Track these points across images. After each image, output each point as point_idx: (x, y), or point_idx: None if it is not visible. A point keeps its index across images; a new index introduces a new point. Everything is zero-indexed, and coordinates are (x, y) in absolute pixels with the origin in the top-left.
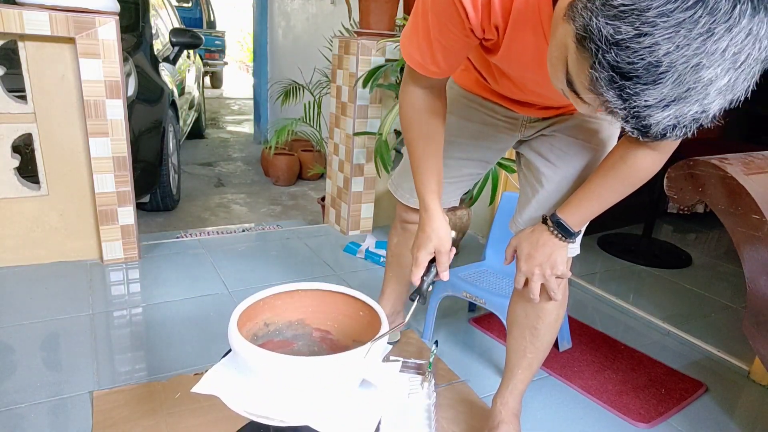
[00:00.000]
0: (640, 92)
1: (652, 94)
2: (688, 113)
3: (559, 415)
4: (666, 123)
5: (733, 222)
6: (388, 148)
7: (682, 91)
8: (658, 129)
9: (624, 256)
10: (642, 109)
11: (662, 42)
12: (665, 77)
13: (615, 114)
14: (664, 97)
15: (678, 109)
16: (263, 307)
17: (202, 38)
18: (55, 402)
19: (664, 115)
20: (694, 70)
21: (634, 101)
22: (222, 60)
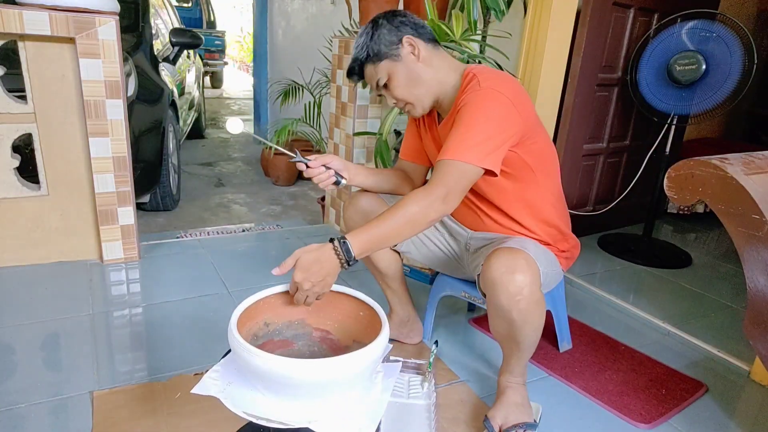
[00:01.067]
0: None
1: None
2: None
3: (559, 416)
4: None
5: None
6: (388, 148)
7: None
8: (354, 57)
9: (624, 256)
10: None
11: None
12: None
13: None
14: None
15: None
16: (263, 306)
17: (202, 38)
18: (55, 402)
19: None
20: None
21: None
22: (222, 60)
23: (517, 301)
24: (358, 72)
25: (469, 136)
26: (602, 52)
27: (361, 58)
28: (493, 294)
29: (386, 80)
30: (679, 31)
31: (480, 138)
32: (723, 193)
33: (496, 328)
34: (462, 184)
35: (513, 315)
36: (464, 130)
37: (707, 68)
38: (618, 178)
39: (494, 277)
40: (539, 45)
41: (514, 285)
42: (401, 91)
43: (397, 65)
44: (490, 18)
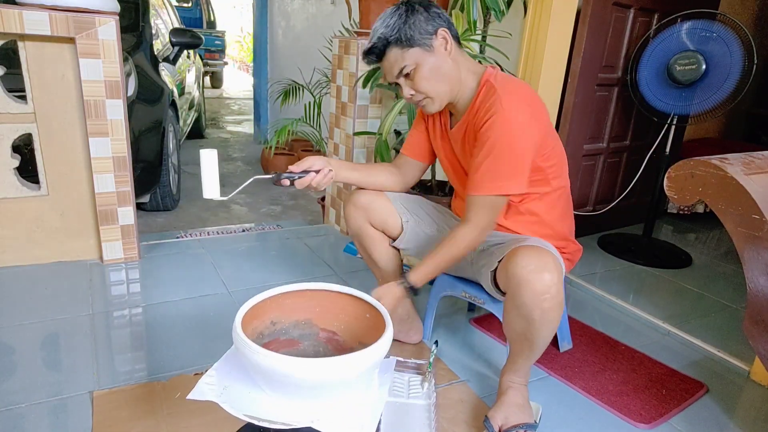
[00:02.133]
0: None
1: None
2: (375, 37)
3: (559, 416)
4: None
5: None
6: (388, 148)
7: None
8: (372, 45)
9: (624, 256)
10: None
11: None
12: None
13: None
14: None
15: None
16: (271, 305)
17: (202, 38)
18: (55, 402)
19: (370, 40)
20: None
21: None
22: (222, 60)
23: (542, 300)
24: (380, 52)
25: (499, 167)
26: (602, 52)
27: (390, 38)
28: (516, 291)
29: (411, 69)
30: (679, 31)
31: (510, 168)
32: (723, 193)
33: (512, 326)
34: (495, 214)
35: (535, 314)
36: (493, 161)
37: (707, 68)
38: (618, 178)
39: (521, 274)
40: (539, 45)
41: (541, 284)
42: (425, 83)
43: (426, 56)
44: (490, 18)
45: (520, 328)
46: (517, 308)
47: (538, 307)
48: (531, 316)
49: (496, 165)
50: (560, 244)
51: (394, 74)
